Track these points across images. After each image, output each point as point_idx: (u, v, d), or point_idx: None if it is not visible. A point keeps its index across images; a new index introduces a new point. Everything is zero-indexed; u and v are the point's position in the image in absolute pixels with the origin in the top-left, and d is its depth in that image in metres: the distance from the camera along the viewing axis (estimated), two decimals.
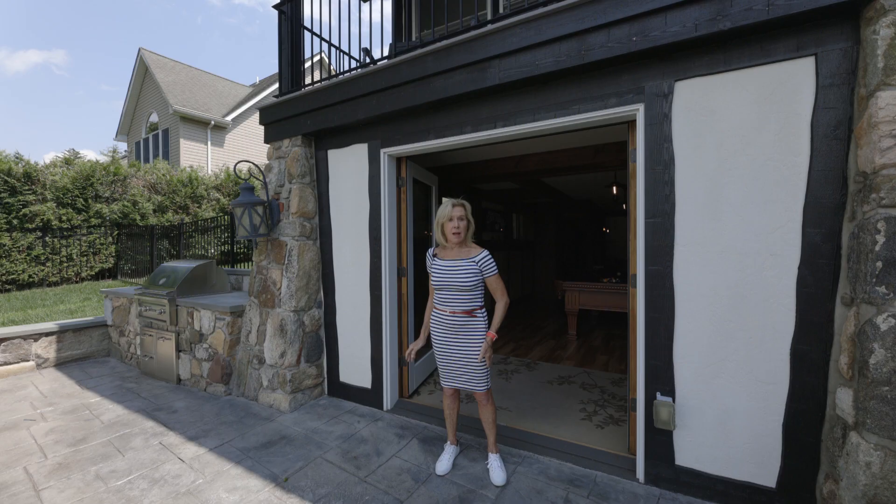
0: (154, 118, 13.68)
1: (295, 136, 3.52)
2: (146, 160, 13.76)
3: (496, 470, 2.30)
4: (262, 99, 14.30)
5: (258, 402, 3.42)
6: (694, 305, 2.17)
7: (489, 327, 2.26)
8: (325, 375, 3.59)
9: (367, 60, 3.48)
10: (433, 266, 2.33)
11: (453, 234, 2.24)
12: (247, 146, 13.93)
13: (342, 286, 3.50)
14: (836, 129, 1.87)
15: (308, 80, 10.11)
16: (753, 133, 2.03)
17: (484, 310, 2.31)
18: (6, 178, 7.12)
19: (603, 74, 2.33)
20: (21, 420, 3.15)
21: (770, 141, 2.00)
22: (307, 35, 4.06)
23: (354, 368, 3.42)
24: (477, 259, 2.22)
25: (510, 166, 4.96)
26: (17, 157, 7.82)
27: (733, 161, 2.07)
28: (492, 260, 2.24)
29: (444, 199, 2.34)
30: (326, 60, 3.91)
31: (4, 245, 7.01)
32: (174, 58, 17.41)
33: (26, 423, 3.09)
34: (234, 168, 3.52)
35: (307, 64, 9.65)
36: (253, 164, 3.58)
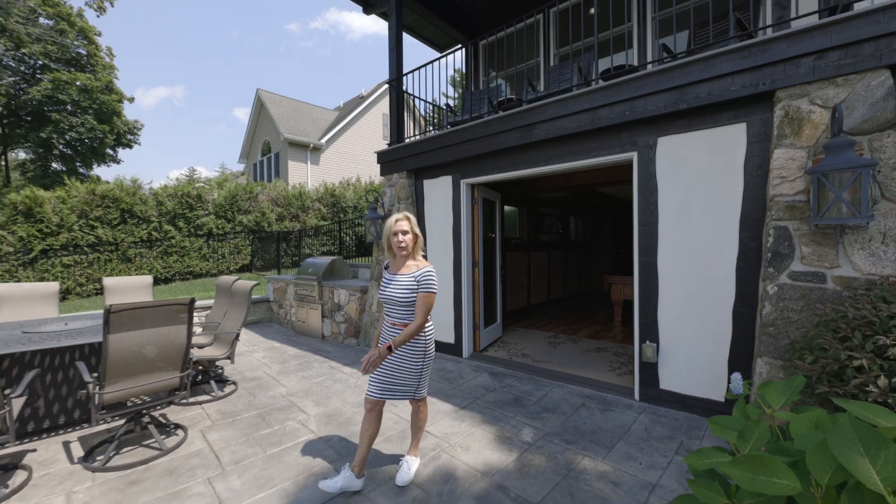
0: (268, 144, 16.76)
1: (401, 172, 5.14)
2: (261, 179, 16.90)
3: (404, 471, 2.31)
4: (348, 122, 16.77)
5: None
6: (671, 284, 3.31)
7: (426, 346, 2.21)
8: None
9: (449, 115, 4.97)
10: (383, 280, 2.29)
11: (398, 247, 2.20)
12: (338, 163, 16.45)
13: None
14: (758, 170, 2.93)
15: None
16: (708, 171, 3.13)
17: (428, 325, 2.22)
18: (187, 198, 9.90)
19: (609, 133, 3.56)
20: (245, 352, 5.14)
21: (718, 177, 3.09)
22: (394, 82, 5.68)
23: (441, 329, 4.93)
24: (417, 275, 2.15)
25: (560, 182, 6.17)
26: (189, 181, 10.67)
27: (695, 189, 3.19)
28: (432, 277, 2.16)
29: (393, 215, 2.35)
30: (417, 111, 5.46)
31: (186, 247, 9.77)
32: (277, 91, 20.66)
33: (248, 353, 5.07)
34: (367, 195, 5.23)
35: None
36: (376, 192, 5.26)
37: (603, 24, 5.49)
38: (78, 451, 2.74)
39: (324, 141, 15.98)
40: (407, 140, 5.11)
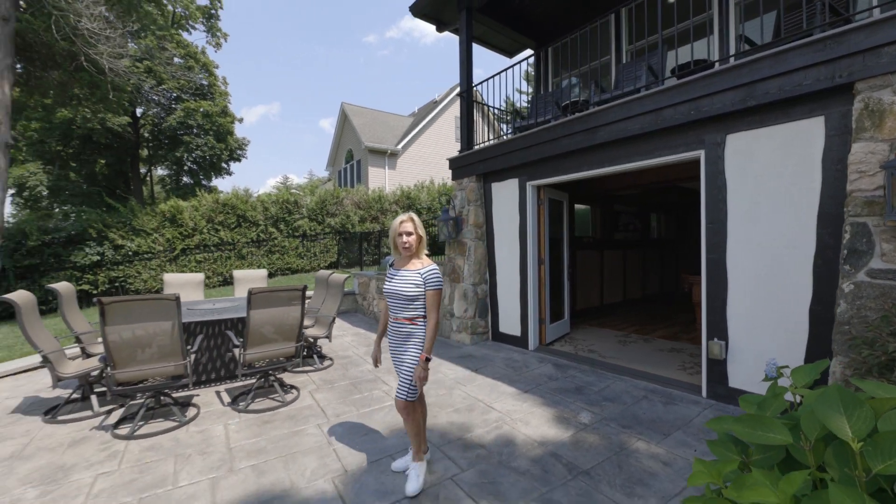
0: (350, 153, 18.43)
1: (471, 176, 5.58)
2: (344, 184, 18.63)
3: (412, 479, 2.28)
4: (422, 127, 17.72)
5: (450, 339, 5.58)
6: (740, 282, 3.28)
7: (422, 345, 2.24)
8: (490, 327, 5.55)
9: (518, 120, 5.28)
10: (387, 275, 2.38)
11: (404, 248, 2.28)
12: (412, 168, 17.49)
13: (500, 270, 5.39)
14: (838, 164, 2.82)
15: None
16: (780, 167, 3.07)
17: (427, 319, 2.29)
18: (287, 204, 11.48)
19: (674, 132, 3.60)
20: (337, 335, 6.01)
21: (792, 172, 3.01)
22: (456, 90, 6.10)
23: (508, 323, 5.27)
24: (422, 272, 2.24)
25: (629, 180, 6.12)
26: (285, 188, 12.31)
27: (766, 185, 3.13)
28: (437, 274, 2.26)
29: (399, 215, 2.38)
30: (488, 110, 5.81)
31: (286, 247, 11.34)
32: (358, 103, 22.47)
33: (339, 336, 5.92)
34: (440, 199, 5.78)
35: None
36: (448, 194, 5.78)
37: (681, 14, 5.35)
38: (226, 398, 3.64)
39: (400, 146, 17.11)
40: (476, 147, 5.53)
